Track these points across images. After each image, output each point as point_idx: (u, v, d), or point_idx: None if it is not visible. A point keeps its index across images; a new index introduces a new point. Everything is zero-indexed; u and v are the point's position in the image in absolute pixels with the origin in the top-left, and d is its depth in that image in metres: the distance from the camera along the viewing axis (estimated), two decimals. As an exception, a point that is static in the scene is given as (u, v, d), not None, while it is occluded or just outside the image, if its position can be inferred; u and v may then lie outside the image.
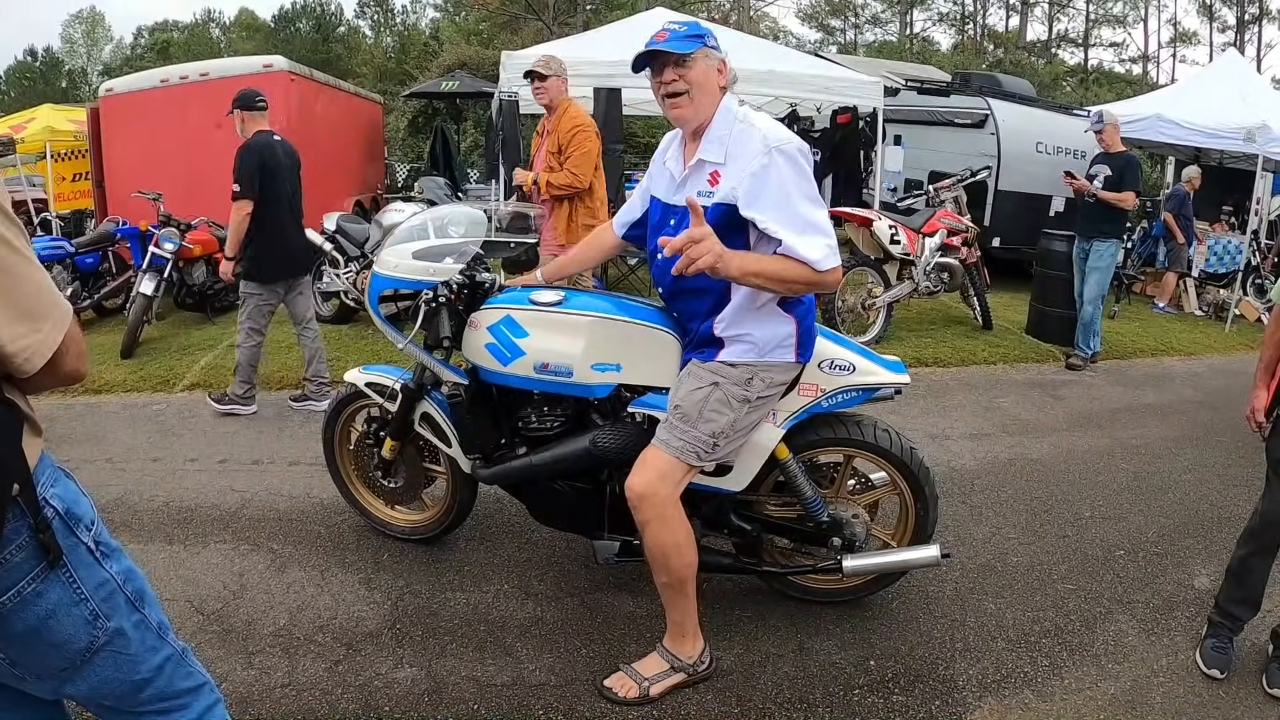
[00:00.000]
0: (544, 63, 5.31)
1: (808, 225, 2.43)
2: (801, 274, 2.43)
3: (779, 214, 2.44)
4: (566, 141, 5.22)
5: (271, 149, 5.27)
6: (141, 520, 4.00)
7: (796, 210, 2.44)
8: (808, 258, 2.40)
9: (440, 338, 3.03)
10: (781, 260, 2.44)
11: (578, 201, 5.37)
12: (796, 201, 2.44)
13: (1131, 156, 7.31)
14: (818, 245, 2.42)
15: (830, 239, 2.46)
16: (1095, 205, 7.11)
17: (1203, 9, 39.36)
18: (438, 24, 44.69)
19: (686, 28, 2.58)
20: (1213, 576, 3.74)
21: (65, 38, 56.82)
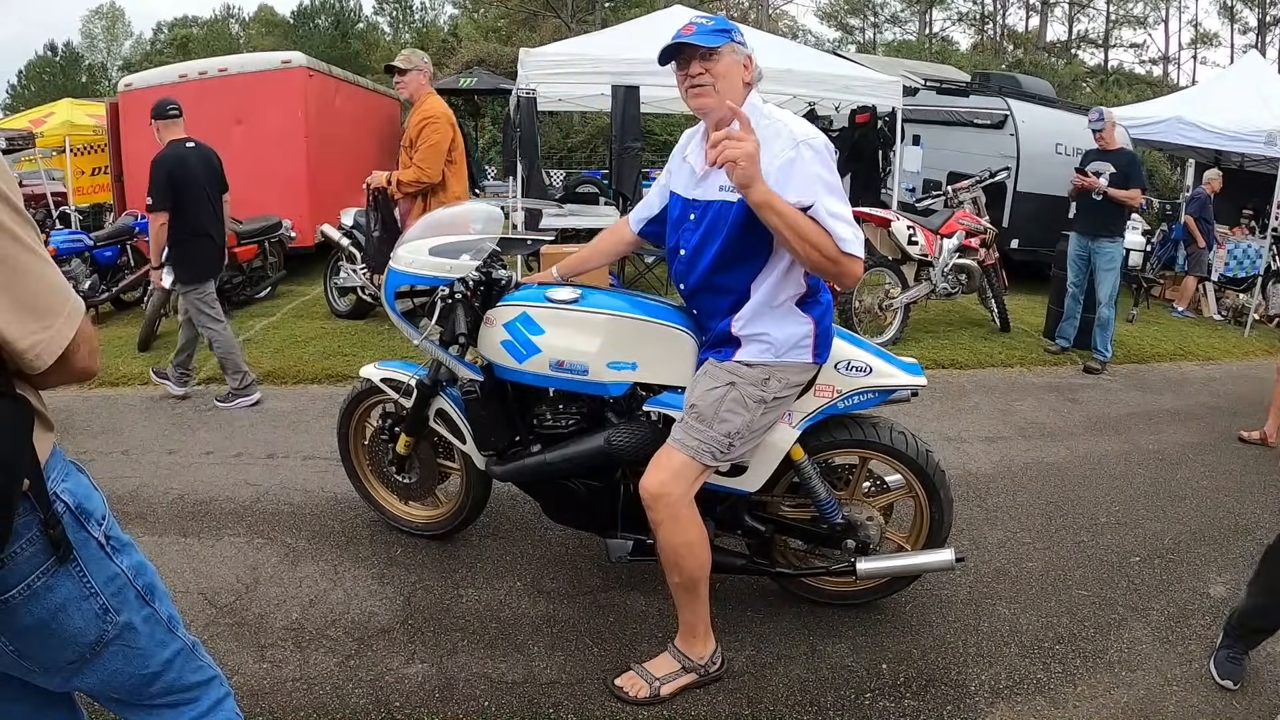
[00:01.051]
0: (404, 57, 5.34)
1: (835, 214, 2.41)
2: (823, 242, 2.38)
3: (812, 192, 2.41)
4: (415, 135, 5.18)
5: (181, 159, 5.30)
6: (156, 513, 4.02)
7: (824, 199, 2.42)
8: (834, 232, 2.38)
9: (456, 334, 3.03)
10: (809, 220, 2.39)
11: (431, 198, 5.29)
12: (823, 193, 2.42)
13: (1133, 153, 7.30)
14: (845, 229, 2.40)
15: (856, 231, 2.44)
16: (1100, 204, 7.09)
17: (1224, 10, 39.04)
18: (456, 21, 44.75)
19: (714, 22, 2.57)
20: (1228, 585, 3.70)
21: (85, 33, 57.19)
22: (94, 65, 55.07)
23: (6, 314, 1.26)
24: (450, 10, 48.72)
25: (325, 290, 8.37)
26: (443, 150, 5.18)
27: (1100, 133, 7.28)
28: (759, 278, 2.63)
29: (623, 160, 8.72)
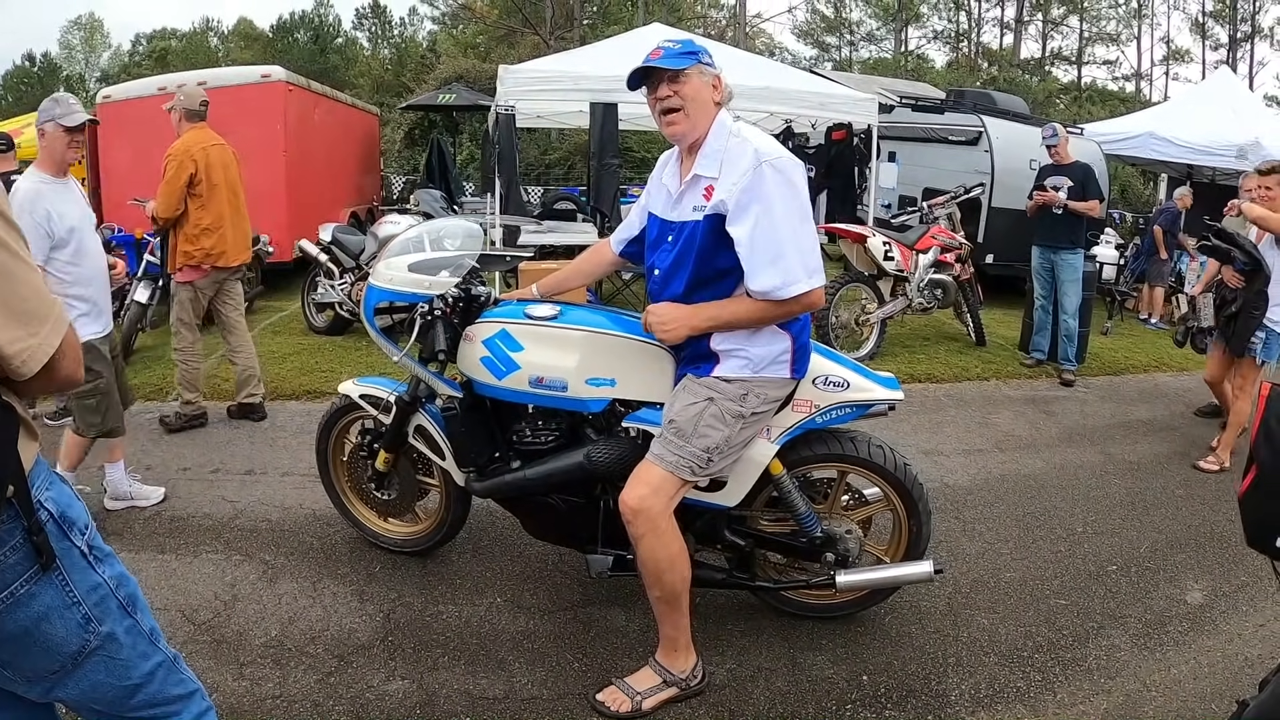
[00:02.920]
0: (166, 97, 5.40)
1: (779, 254, 2.49)
2: (766, 312, 2.58)
3: (755, 238, 2.50)
4: (162, 171, 5.25)
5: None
6: (133, 529, 3.99)
7: (776, 231, 2.48)
8: (763, 289, 2.51)
9: (435, 350, 3.03)
10: (742, 302, 2.60)
11: (177, 230, 5.32)
12: (779, 220, 2.48)
13: (1088, 165, 7.44)
14: (781, 273, 2.49)
15: (807, 260, 2.52)
16: (1059, 216, 7.27)
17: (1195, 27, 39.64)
18: (435, 36, 44.77)
19: (681, 45, 2.62)
20: (1205, 591, 3.76)
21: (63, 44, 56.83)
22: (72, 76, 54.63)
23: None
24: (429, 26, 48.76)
25: (303, 306, 8.33)
26: (177, 186, 5.16)
27: (1055, 148, 7.48)
28: (734, 295, 2.66)
29: (601, 177, 8.76)
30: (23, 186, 3.79)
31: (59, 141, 3.87)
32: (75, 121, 3.85)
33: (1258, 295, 5.35)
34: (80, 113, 3.88)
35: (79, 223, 3.89)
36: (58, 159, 3.89)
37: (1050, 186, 7.30)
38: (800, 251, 2.51)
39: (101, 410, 4.01)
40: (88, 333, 3.90)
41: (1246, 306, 5.39)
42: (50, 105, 3.88)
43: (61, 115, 3.84)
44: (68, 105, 3.88)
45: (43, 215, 3.71)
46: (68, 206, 3.86)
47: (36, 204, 3.72)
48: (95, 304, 3.99)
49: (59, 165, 3.90)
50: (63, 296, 3.79)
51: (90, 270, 3.96)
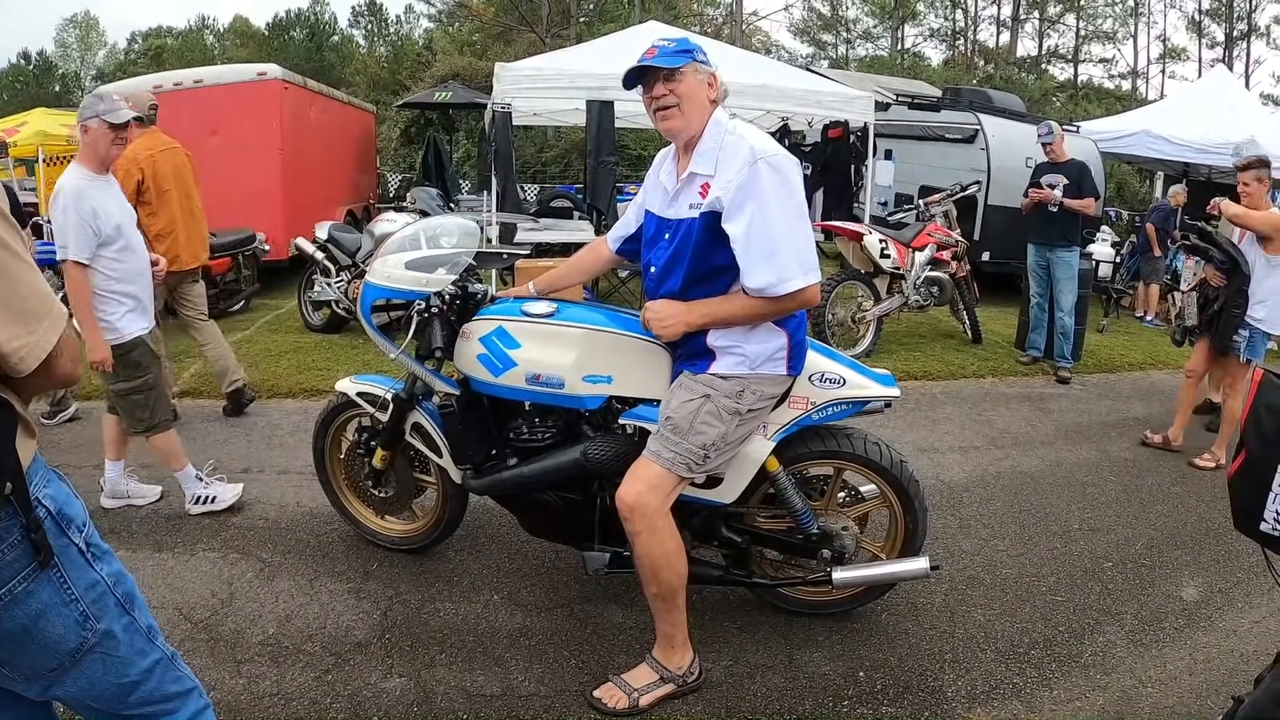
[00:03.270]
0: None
1: (774, 250, 2.50)
2: (761, 308, 2.58)
3: (750, 235, 2.51)
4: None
5: None
6: (130, 527, 3.99)
7: (771, 228, 2.49)
8: (758, 286, 2.51)
9: (432, 348, 3.03)
10: (737, 299, 2.60)
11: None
12: (774, 217, 2.48)
13: (1082, 163, 7.46)
14: (776, 269, 2.49)
15: (802, 257, 2.52)
16: (1054, 214, 7.29)
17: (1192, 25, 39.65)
18: (431, 34, 44.70)
19: (675, 44, 2.63)
20: (1200, 588, 3.77)
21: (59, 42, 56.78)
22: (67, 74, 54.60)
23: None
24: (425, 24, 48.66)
25: (299, 304, 8.33)
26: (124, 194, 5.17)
27: (1050, 145, 7.48)
28: (730, 292, 2.66)
29: (597, 175, 8.76)
30: (67, 183, 3.78)
31: (103, 139, 3.82)
32: (120, 119, 3.81)
33: (1237, 293, 5.38)
34: (125, 110, 3.85)
35: (123, 219, 3.92)
36: (100, 156, 3.87)
37: (1046, 184, 7.32)
38: (795, 249, 2.51)
39: (149, 405, 4.03)
40: (135, 329, 3.94)
41: (1227, 305, 5.42)
42: (94, 101, 3.84)
43: (106, 112, 3.80)
44: (112, 102, 3.84)
45: (89, 213, 3.73)
46: (112, 204, 3.88)
47: (82, 201, 3.73)
48: (140, 300, 4.02)
49: (102, 162, 3.89)
50: (109, 294, 3.86)
51: (135, 267, 3.98)
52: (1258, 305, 5.38)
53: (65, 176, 3.82)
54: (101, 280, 3.82)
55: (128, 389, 3.98)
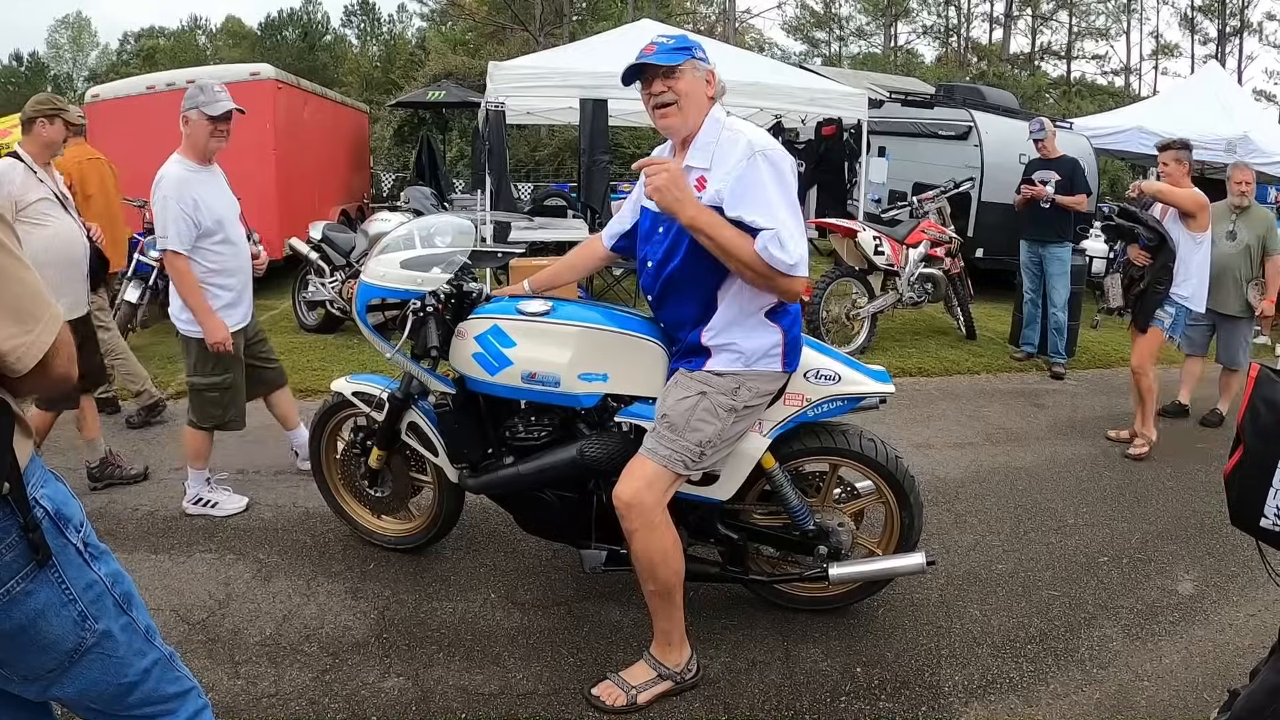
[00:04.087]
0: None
1: (779, 236, 2.47)
2: (755, 264, 2.48)
3: (763, 211, 2.48)
4: None
5: None
6: (126, 529, 3.98)
7: (776, 214, 2.47)
8: (771, 257, 2.45)
9: (428, 347, 3.03)
10: (743, 237, 2.48)
11: None
12: (776, 206, 2.48)
13: (1074, 160, 7.50)
14: (781, 252, 2.46)
15: (802, 247, 2.50)
16: (1046, 210, 7.33)
17: (1184, 22, 39.69)
18: (424, 33, 44.63)
19: (674, 41, 2.64)
20: (1196, 582, 3.78)
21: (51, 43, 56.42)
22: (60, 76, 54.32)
23: None
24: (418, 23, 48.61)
25: (294, 304, 8.32)
26: None
27: (1042, 141, 7.52)
28: (725, 287, 2.67)
29: (591, 173, 8.76)
30: (169, 173, 3.82)
31: (202, 130, 3.87)
32: (219, 110, 3.85)
33: (1162, 270, 5.40)
34: (224, 102, 3.88)
35: (225, 211, 3.96)
36: (201, 147, 3.91)
37: (1038, 181, 7.34)
38: (797, 238, 2.51)
39: (224, 404, 4.05)
40: (229, 322, 3.96)
41: (1152, 282, 5.44)
42: (195, 93, 3.87)
43: (205, 103, 3.83)
44: (212, 94, 3.87)
45: (189, 204, 3.77)
46: (214, 195, 3.93)
47: (183, 192, 3.77)
48: (238, 293, 4.06)
49: (203, 153, 3.93)
50: (206, 284, 3.89)
51: (235, 259, 4.03)
52: (1184, 282, 5.44)
53: (167, 166, 3.87)
54: (199, 271, 3.87)
55: (205, 384, 4.02)
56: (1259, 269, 6.19)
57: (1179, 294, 5.43)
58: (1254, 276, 6.20)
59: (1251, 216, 6.21)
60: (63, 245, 4.17)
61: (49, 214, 4.13)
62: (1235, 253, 6.16)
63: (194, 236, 3.80)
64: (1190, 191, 5.39)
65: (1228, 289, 6.19)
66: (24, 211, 4.04)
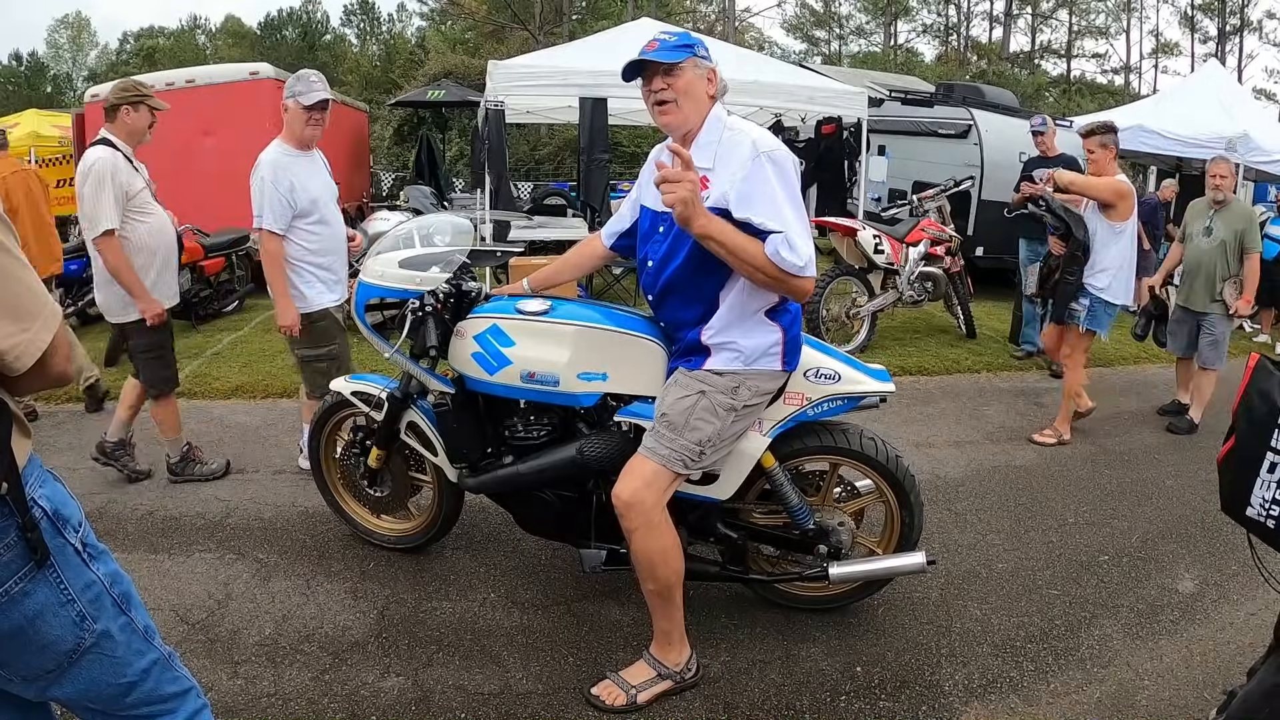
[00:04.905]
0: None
1: (788, 238, 2.46)
2: (766, 268, 2.47)
3: (772, 212, 2.47)
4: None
5: None
6: (125, 529, 3.98)
7: (784, 215, 2.47)
8: (781, 259, 2.44)
9: (426, 346, 3.02)
10: (754, 243, 2.47)
11: None
12: (783, 207, 2.47)
13: (1073, 158, 7.49)
14: (791, 254, 2.45)
15: (809, 247, 2.50)
16: None
17: (1184, 20, 39.71)
18: (424, 33, 44.66)
19: (677, 38, 2.62)
20: (1196, 581, 3.77)
21: (51, 42, 56.39)
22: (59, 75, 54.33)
23: None
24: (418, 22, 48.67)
25: (294, 304, 8.30)
26: None
27: (1042, 136, 7.53)
28: (726, 287, 2.66)
29: (590, 172, 8.75)
30: (267, 158, 3.99)
31: (298, 118, 4.05)
32: (311, 100, 4.00)
33: (1070, 259, 5.37)
34: (319, 92, 4.02)
35: (321, 194, 4.14)
36: (298, 134, 4.08)
37: (1037, 179, 7.33)
38: (806, 239, 2.51)
39: (330, 374, 4.12)
40: (325, 300, 4.17)
41: (1063, 272, 5.41)
42: (293, 82, 4.05)
43: (301, 93, 4.00)
44: (308, 83, 4.03)
45: (286, 187, 3.94)
46: (310, 178, 4.09)
47: (280, 176, 3.94)
48: (334, 273, 4.24)
49: (300, 140, 4.11)
50: (302, 264, 4.10)
51: (330, 240, 4.21)
52: (1100, 274, 5.38)
53: (266, 151, 4.05)
54: (296, 250, 4.06)
55: (312, 356, 4.22)
56: (1237, 266, 5.96)
57: (1093, 285, 5.39)
58: (1231, 274, 5.97)
59: (1230, 212, 5.99)
60: (163, 235, 4.38)
61: (150, 204, 4.30)
62: (1210, 249, 5.97)
63: (289, 217, 3.99)
64: (1108, 181, 5.34)
65: (1201, 286, 6.02)
66: (131, 202, 4.18)
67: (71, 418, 5.61)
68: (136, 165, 4.30)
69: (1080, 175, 5.44)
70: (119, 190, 4.07)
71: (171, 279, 4.43)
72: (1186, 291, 6.08)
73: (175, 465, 4.58)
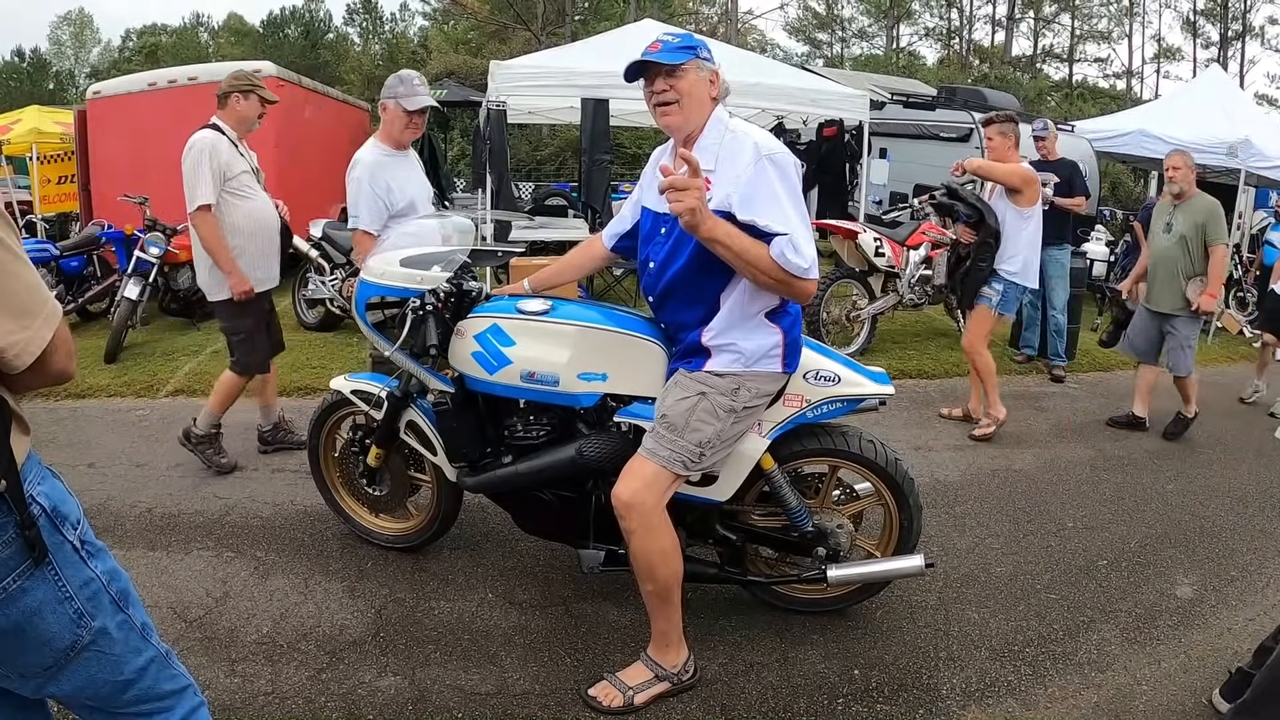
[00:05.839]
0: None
1: (792, 241, 2.47)
2: (771, 271, 2.48)
3: (776, 215, 2.48)
4: None
5: None
6: (124, 526, 3.98)
7: (788, 218, 2.48)
8: (786, 261, 2.45)
9: (427, 345, 3.02)
10: (757, 245, 2.48)
11: None
12: (787, 209, 2.48)
13: (1074, 162, 7.51)
14: (796, 257, 2.46)
15: (812, 249, 2.50)
16: (1046, 213, 7.26)
17: (1186, 25, 39.69)
18: (426, 32, 44.67)
19: (680, 39, 2.62)
20: (1194, 586, 3.77)
21: (53, 39, 56.34)
22: (61, 72, 54.32)
23: None
24: (420, 22, 48.61)
25: (294, 302, 8.31)
26: None
27: (1044, 141, 7.54)
28: (728, 289, 2.66)
29: (592, 173, 8.75)
30: (364, 158, 3.98)
31: (398, 121, 4.02)
32: (415, 105, 3.97)
33: (982, 247, 5.38)
34: (422, 97, 3.99)
35: (418, 195, 4.13)
36: (396, 135, 4.06)
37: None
38: (809, 240, 2.51)
39: None
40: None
41: (974, 259, 5.42)
42: (395, 83, 4.01)
43: (403, 96, 3.96)
44: (411, 86, 3.98)
45: (383, 187, 3.93)
46: (408, 180, 4.09)
47: (377, 175, 3.93)
48: None
49: (398, 141, 4.08)
50: None
51: None
52: (1011, 259, 5.42)
53: (363, 150, 4.04)
54: None
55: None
56: (1201, 264, 5.70)
57: (1005, 270, 5.43)
58: (1196, 272, 5.71)
59: (1191, 206, 5.75)
60: (262, 218, 4.47)
61: (251, 187, 4.38)
62: (1170, 245, 5.78)
63: (386, 217, 3.95)
64: (1011, 166, 5.38)
65: (1163, 285, 5.84)
66: (230, 183, 4.28)
67: (71, 414, 5.61)
68: (243, 150, 4.42)
69: (986, 161, 5.49)
70: (216, 169, 4.18)
71: (270, 263, 4.56)
72: (1149, 291, 5.98)
73: (195, 435, 4.68)
